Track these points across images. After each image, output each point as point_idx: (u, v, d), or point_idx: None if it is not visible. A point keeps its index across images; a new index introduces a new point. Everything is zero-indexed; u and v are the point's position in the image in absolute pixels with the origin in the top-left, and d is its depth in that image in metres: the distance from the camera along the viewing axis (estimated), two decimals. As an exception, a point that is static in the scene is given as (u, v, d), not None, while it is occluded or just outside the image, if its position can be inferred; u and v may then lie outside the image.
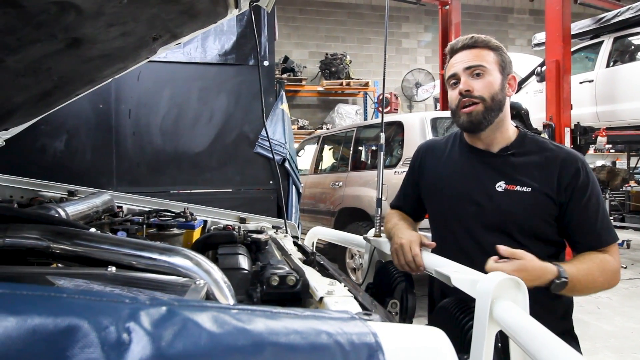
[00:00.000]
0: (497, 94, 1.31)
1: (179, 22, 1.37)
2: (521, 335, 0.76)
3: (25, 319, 0.37)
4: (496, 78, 1.32)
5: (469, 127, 1.35)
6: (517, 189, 1.29)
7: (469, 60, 1.32)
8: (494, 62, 1.32)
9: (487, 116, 1.31)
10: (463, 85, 1.31)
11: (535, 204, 1.27)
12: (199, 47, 3.18)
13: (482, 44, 1.34)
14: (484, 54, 1.33)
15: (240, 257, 1.22)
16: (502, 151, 1.36)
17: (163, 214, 1.68)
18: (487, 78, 1.31)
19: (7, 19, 0.93)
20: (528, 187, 1.28)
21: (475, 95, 1.30)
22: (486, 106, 1.30)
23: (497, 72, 1.32)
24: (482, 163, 1.37)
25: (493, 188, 1.32)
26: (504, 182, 1.32)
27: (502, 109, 1.33)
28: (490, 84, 1.30)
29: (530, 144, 1.35)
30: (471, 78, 1.32)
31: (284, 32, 9.88)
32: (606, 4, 7.66)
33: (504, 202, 1.30)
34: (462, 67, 1.33)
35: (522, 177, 1.30)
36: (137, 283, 0.75)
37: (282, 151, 3.25)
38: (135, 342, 0.39)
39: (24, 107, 1.40)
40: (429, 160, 1.51)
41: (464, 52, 1.35)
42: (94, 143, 3.01)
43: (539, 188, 1.27)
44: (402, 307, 1.24)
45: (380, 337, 0.48)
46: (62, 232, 0.86)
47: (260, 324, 0.45)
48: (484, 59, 1.32)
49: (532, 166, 1.31)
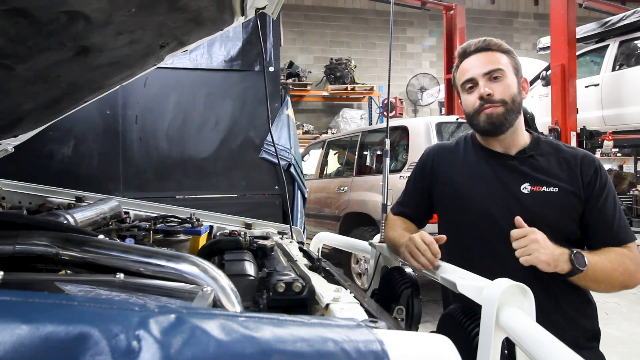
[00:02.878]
0: (516, 95, 1.32)
1: (185, 30, 1.38)
2: (528, 342, 0.76)
3: (38, 327, 0.38)
4: (513, 81, 1.32)
5: (490, 129, 1.33)
6: (543, 189, 1.29)
7: (486, 64, 1.31)
8: (509, 64, 1.33)
9: (508, 118, 1.31)
10: (484, 90, 1.30)
11: (564, 204, 1.28)
12: (205, 53, 3.21)
13: (495, 46, 1.34)
14: (499, 56, 1.33)
15: (247, 263, 1.23)
16: (520, 153, 1.35)
17: (170, 219, 1.69)
18: (505, 81, 1.31)
19: (18, 28, 0.94)
20: (554, 187, 1.29)
21: (496, 99, 1.30)
22: (507, 108, 1.30)
23: (512, 74, 1.33)
24: (502, 166, 1.36)
25: (518, 190, 1.31)
26: (528, 184, 1.31)
27: (520, 111, 1.34)
28: (509, 87, 1.31)
29: (545, 146, 1.36)
30: (490, 82, 1.31)
31: (289, 37, 9.93)
32: (611, 7, 7.65)
33: (531, 203, 1.29)
34: (481, 71, 1.31)
35: (546, 177, 1.30)
36: (145, 290, 0.75)
37: (288, 156, 3.26)
38: (145, 350, 0.40)
39: (33, 114, 1.42)
40: (443, 165, 1.47)
41: (478, 55, 1.34)
42: (101, 149, 3.04)
43: (565, 187, 1.28)
44: (408, 313, 1.24)
45: (387, 344, 0.48)
46: (71, 239, 0.87)
47: (268, 331, 0.45)
48: (500, 62, 1.32)
49: (554, 166, 1.31)
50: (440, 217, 1.50)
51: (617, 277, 1.21)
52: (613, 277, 1.20)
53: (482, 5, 11.42)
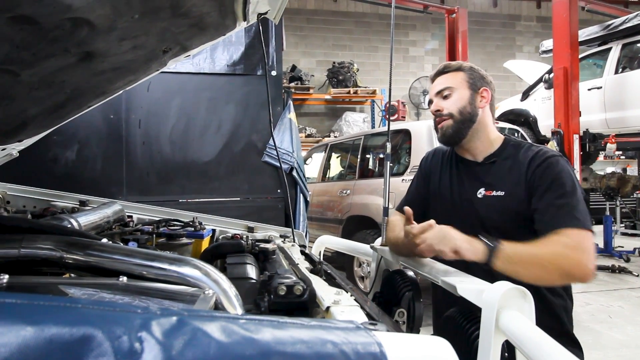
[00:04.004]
0: (464, 107, 1.46)
1: (188, 35, 1.40)
2: (527, 345, 0.76)
3: (43, 329, 0.39)
4: (462, 95, 1.47)
5: (445, 140, 1.50)
6: (492, 194, 1.40)
7: (439, 85, 1.51)
8: (462, 80, 1.48)
9: (457, 129, 1.46)
10: (433, 107, 1.51)
11: (508, 207, 1.35)
12: (208, 57, 3.23)
13: (453, 68, 1.51)
14: (454, 76, 1.50)
15: (248, 266, 1.23)
16: (486, 159, 1.47)
17: (172, 223, 1.70)
18: (453, 96, 1.47)
19: (24, 35, 0.96)
20: (502, 191, 1.38)
21: (444, 113, 1.47)
22: (455, 120, 1.46)
23: (465, 89, 1.48)
24: (467, 172, 1.50)
25: (475, 195, 1.43)
26: (483, 189, 1.43)
27: (474, 120, 1.47)
28: (456, 101, 1.47)
29: (510, 149, 1.45)
30: (441, 100, 1.49)
31: (292, 41, 9.97)
32: (614, 10, 7.65)
33: (482, 207, 1.40)
34: (434, 92, 1.52)
35: (498, 182, 1.40)
36: (147, 293, 0.76)
37: (290, 160, 3.27)
38: (147, 351, 0.41)
39: (37, 119, 1.43)
40: (434, 168, 1.62)
41: (438, 79, 1.53)
42: (104, 153, 3.06)
43: (511, 191, 1.36)
44: (409, 316, 1.25)
45: (385, 346, 0.48)
46: (75, 243, 0.88)
47: (268, 333, 0.46)
48: (452, 80, 1.49)
49: (507, 170, 1.40)
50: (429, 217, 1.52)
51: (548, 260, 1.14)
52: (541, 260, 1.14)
53: (484, 8, 11.44)
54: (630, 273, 5.86)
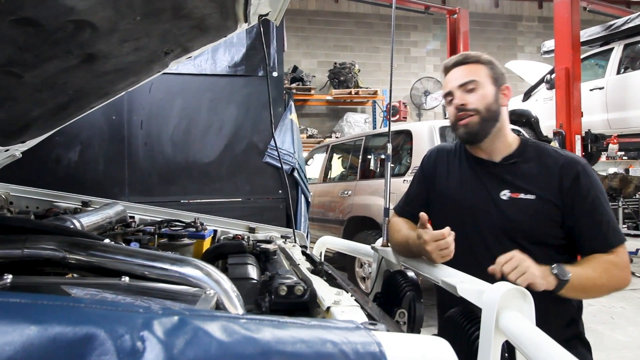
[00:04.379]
0: (491, 104, 1.38)
1: (190, 37, 1.40)
2: (527, 345, 0.77)
3: (46, 328, 0.40)
4: (489, 90, 1.39)
5: (467, 138, 1.42)
6: (521, 196, 1.34)
7: (462, 77, 1.40)
8: (485, 75, 1.40)
9: (483, 127, 1.38)
10: (458, 100, 1.40)
11: (539, 211, 1.31)
12: (209, 59, 3.24)
13: (472, 59, 1.42)
14: (476, 69, 1.41)
15: (249, 267, 1.24)
16: (505, 160, 1.41)
17: (174, 224, 1.71)
18: (479, 91, 1.38)
19: (26, 37, 0.97)
20: (532, 194, 1.32)
21: (469, 108, 1.38)
22: (481, 117, 1.38)
23: (489, 84, 1.39)
24: (485, 173, 1.43)
25: (498, 196, 1.37)
26: (508, 191, 1.36)
27: (498, 119, 1.40)
28: (483, 97, 1.38)
29: (531, 152, 1.40)
30: (465, 93, 1.39)
31: (293, 42, 9.97)
32: (616, 10, 7.64)
33: (509, 209, 1.34)
34: (456, 84, 1.41)
35: (525, 184, 1.34)
36: (149, 293, 0.77)
37: (291, 161, 3.28)
38: (149, 350, 0.41)
39: (40, 121, 1.44)
40: (439, 167, 1.55)
41: (457, 69, 1.43)
42: (106, 154, 3.07)
43: (542, 195, 1.31)
44: (409, 317, 1.25)
45: (384, 346, 0.49)
46: (77, 243, 0.89)
47: (268, 333, 0.46)
48: (475, 73, 1.40)
49: (534, 173, 1.35)
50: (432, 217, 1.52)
51: (604, 284, 1.23)
52: (599, 285, 1.22)
53: (485, 8, 11.43)
54: (633, 274, 5.85)
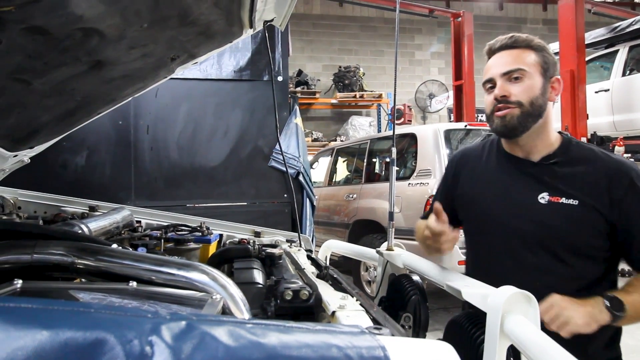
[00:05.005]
0: (536, 98, 1.22)
1: (196, 43, 1.42)
2: (532, 349, 0.77)
3: (57, 333, 0.40)
4: (535, 82, 1.22)
5: (502, 131, 1.26)
6: (562, 201, 1.18)
7: (507, 64, 1.23)
8: (534, 63, 1.23)
9: (523, 121, 1.22)
10: (499, 91, 1.23)
11: (582, 219, 1.16)
12: (215, 64, 3.26)
13: (522, 43, 1.24)
14: (524, 55, 1.23)
15: (255, 271, 1.25)
16: (544, 160, 1.25)
17: (180, 228, 1.72)
18: (525, 82, 1.22)
19: (36, 45, 0.98)
20: (575, 199, 1.17)
21: (512, 100, 1.22)
22: (523, 111, 1.21)
23: (537, 74, 1.23)
24: (521, 173, 1.27)
25: (535, 200, 1.22)
26: (547, 194, 1.21)
27: (541, 115, 1.23)
28: (529, 88, 1.21)
29: (576, 152, 1.24)
30: (508, 82, 1.23)
31: (298, 46, 10.01)
32: (621, 12, 7.61)
33: (547, 215, 1.20)
34: (499, 71, 1.24)
35: (568, 188, 1.19)
36: (156, 297, 0.78)
37: (296, 165, 3.29)
38: (158, 355, 0.42)
39: (48, 126, 1.46)
40: (464, 171, 1.44)
41: (502, 53, 1.26)
42: (113, 158, 3.09)
43: (587, 201, 1.16)
44: (415, 321, 1.25)
45: (389, 350, 0.49)
46: (85, 249, 0.90)
47: (274, 337, 0.47)
48: (524, 61, 1.23)
49: (579, 177, 1.19)
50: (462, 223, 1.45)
51: None
52: None
53: (490, 11, 11.42)
54: None
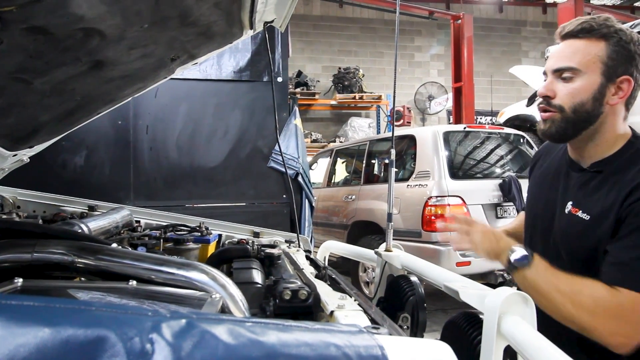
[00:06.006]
0: (583, 104, 1.07)
1: (196, 44, 1.43)
2: (528, 350, 0.77)
3: (59, 330, 0.41)
4: (589, 83, 1.07)
5: (545, 136, 1.16)
6: (578, 213, 1.10)
7: (561, 59, 1.10)
8: (596, 60, 1.06)
9: (563, 129, 1.10)
10: (543, 89, 1.13)
11: (589, 235, 1.07)
12: (215, 64, 3.27)
13: (595, 33, 1.07)
14: (589, 49, 1.07)
15: (254, 271, 1.25)
16: (592, 166, 1.13)
17: (179, 228, 1.72)
18: (574, 84, 1.08)
19: (37, 45, 0.99)
20: (588, 214, 1.08)
21: (554, 103, 1.11)
22: (564, 117, 1.09)
23: (595, 74, 1.06)
24: (565, 178, 1.20)
25: (562, 208, 1.15)
26: (571, 203, 1.13)
27: (592, 121, 1.08)
28: (576, 92, 1.07)
29: (626, 160, 1.08)
30: (557, 81, 1.11)
31: (298, 47, 10.03)
32: (620, 16, 7.64)
33: (563, 225, 1.14)
34: (552, 66, 1.11)
35: (589, 200, 1.09)
36: (156, 296, 0.78)
37: (295, 165, 3.30)
38: (158, 352, 0.42)
39: (48, 126, 1.47)
40: (538, 165, 1.38)
41: (565, 42, 1.12)
42: (112, 158, 3.10)
43: (598, 216, 1.06)
44: (413, 321, 1.26)
45: (387, 349, 0.50)
46: (85, 248, 0.91)
47: (273, 336, 0.48)
48: (583, 57, 1.07)
49: (606, 189, 1.07)
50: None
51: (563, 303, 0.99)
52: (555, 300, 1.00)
53: (490, 14, 11.45)
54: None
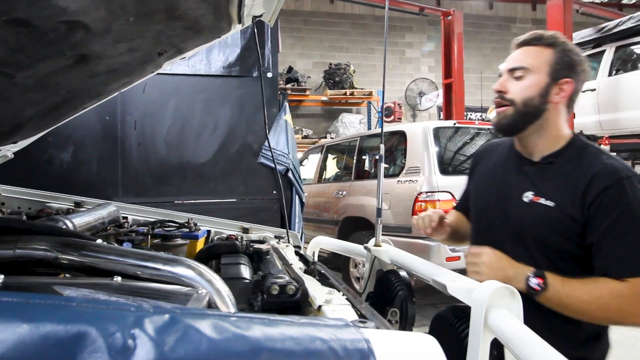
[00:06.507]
0: (532, 98, 1.22)
1: (183, 38, 1.41)
2: (515, 343, 0.78)
3: (38, 326, 0.40)
4: (537, 82, 1.22)
5: (497, 128, 1.30)
6: (541, 201, 1.20)
7: (514, 61, 1.26)
8: (544, 63, 1.22)
9: (516, 121, 1.24)
10: (497, 85, 1.28)
11: (557, 221, 1.17)
12: (204, 59, 3.24)
13: (544, 41, 1.24)
14: (538, 53, 1.24)
15: (242, 267, 1.25)
16: (543, 160, 1.26)
17: (167, 224, 1.71)
18: (525, 81, 1.23)
19: (19, 38, 0.97)
20: (553, 201, 1.18)
21: (507, 97, 1.25)
22: (516, 110, 1.24)
23: (543, 74, 1.22)
24: (518, 170, 1.30)
25: (520, 198, 1.25)
26: (531, 193, 1.23)
27: (538, 116, 1.23)
28: (525, 88, 1.23)
29: (573, 154, 1.22)
30: (510, 79, 1.26)
31: (288, 43, 9.98)
32: (608, 13, 7.71)
33: (524, 213, 1.23)
34: (506, 67, 1.28)
35: (551, 189, 1.20)
36: (141, 292, 0.77)
37: (285, 161, 3.29)
38: (140, 348, 0.42)
39: (32, 121, 1.44)
40: (481, 163, 1.48)
41: (519, 50, 1.28)
42: (100, 154, 3.06)
43: (563, 204, 1.16)
44: (402, 316, 1.26)
45: (373, 343, 0.50)
46: (69, 244, 0.89)
47: (258, 330, 0.47)
48: (532, 59, 1.23)
49: (565, 179, 1.19)
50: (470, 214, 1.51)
51: (594, 311, 1.08)
52: (585, 311, 1.09)
53: (480, 10, 11.50)
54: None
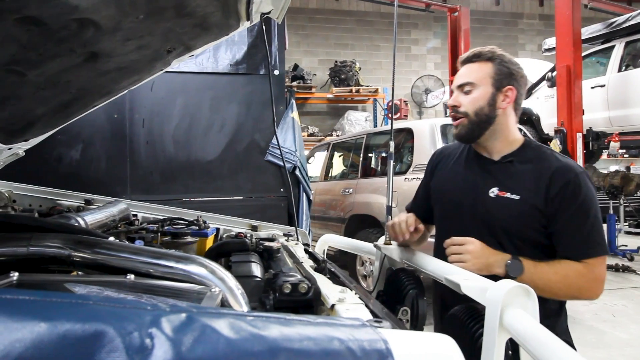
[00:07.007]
0: (482, 108, 1.38)
1: (192, 35, 1.40)
2: (531, 342, 0.77)
3: (56, 325, 0.40)
4: (484, 93, 1.38)
5: (458, 138, 1.46)
6: (507, 195, 1.34)
7: (461, 77, 1.42)
8: (487, 76, 1.38)
9: (471, 130, 1.39)
10: (451, 101, 1.43)
11: (522, 212, 1.31)
12: (211, 57, 3.23)
13: (483, 57, 1.40)
14: (480, 68, 1.39)
15: (253, 264, 1.24)
16: (502, 159, 1.41)
17: (177, 222, 1.71)
18: (473, 94, 1.38)
19: (30, 36, 0.97)
20: (517, 195, 1.32)
21: (460, 110, 1.40)
22: (470, 120, 1.39)
23: (488, 86, 1.38)
24: (481, 169, 1.43)
25: (486, 193, 1.38)
26: (497, 189, 1.37)
27: (491, 122, 1.38)
28: (475, 100, 1.38)
29: (530, 153, 1.39)
30: (461, 94, 1.41)
31: (294, 40, 9.97)
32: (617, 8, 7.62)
33: (493, 207, 1.36)
34: (455, 84, 1.43)
35: (515, 184, 1.34)
36: (154, 290, 0.77)
37: (293, 159, 3.28)
38: (158, 347, 0.41)
39: (43, 119, 1.44)
40: (440, 165, 1.59)
41: (464, 67, 1.44)
42: (108, 152, 3.07)
43: (527, 197, 1.31)
44: (412, 315, 1.25)
45: (391, 343, 0.49)
46: (82, 241, 0.89)
47: (275, 330, 0.47)
48: (476, 74, 1.39)
49: (527, 175, 1.34)
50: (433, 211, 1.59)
51: (560, 288, 1.25)
52: (554, 289, 1.25)
53: (486, 6, 11.40)
54: (634, 272, 5.85)
